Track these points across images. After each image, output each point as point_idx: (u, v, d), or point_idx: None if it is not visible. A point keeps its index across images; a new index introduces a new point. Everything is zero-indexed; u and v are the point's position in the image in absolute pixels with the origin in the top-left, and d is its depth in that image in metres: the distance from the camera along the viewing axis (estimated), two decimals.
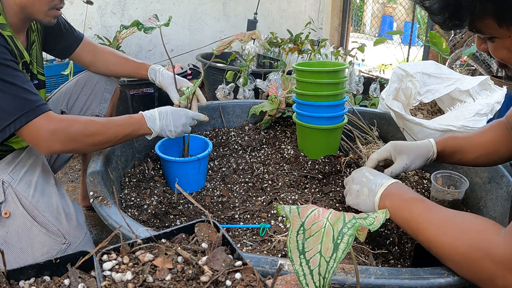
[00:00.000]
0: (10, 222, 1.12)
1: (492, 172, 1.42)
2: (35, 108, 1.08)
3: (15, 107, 1.06)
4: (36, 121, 1.08)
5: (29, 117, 1.07)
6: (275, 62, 2.89)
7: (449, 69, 1.73)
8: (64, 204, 1.22)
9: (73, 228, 1.17)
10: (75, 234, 1.17)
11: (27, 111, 1.07)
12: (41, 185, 1.22)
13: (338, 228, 0.55)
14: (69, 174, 2.11)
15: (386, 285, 0.85)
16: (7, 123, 1.06)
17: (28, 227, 1.12)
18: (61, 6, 1.22)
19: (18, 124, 1.07)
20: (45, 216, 1.15)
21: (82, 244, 1.18)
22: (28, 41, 1.30)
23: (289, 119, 1.96)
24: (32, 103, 1.08)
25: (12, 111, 1.06)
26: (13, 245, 1.11)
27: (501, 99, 1.55)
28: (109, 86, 1.59)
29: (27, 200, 1.16)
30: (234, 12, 3.85)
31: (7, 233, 1.11)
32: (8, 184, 1.17)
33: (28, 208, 1.15)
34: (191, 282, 0.53)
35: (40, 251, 1.11)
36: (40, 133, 1.09)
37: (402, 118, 1.67)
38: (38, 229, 1.13)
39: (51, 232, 1.14)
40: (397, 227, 1.40)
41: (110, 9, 3.33)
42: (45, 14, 1.19)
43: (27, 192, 1.17)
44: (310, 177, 1.57)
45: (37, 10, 1.17)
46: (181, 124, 1.35)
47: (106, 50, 1.59)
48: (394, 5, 7.56)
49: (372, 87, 2.92)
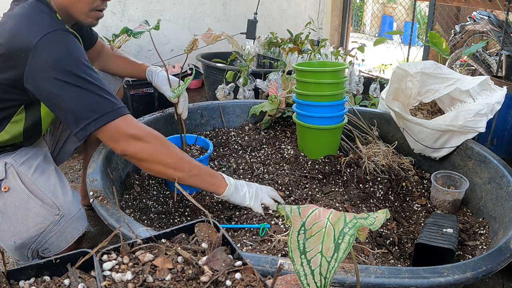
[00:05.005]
0: (8, 195, 1.16)
1: (492, 172, 1.42)
2: (117, 110, 1.12)
3: (98, 107, 1.10)
4: (115, 122, 1.12)
5: (112, 116, 1.11)
6: (275, 62, 2.89)
7: (449, 69, 1.72)
8: (62, 184, 1.26)
9: (67, 202, 1.21)
10: (69, 207, 1.20)
11: (110, 111, 1.11)
12: (41, 168, 1.26)
13: (339, 228, 0.55)
14: (69, 174, 2.11)
15: (386, 284, 0.85)
16: (90, 120, 1.09)
17: (25, 200, 1.16)
18: (103, 7, 1.23)
19: (99, 123, 1.10)
20: (42, 190, 1.19)
21: (75, 217, 1.21)
22: None
23: (289, 119, 1.96)
24: (114, 104, 1.12)
25: (96, 110, 1.09)
26: (9, 216, 1.15)
27: (501, 99, 1.55)
28: (113, 85, 1.62)
29: (27, 177, 1.20)
30: (234, 12, 3.85)
31: (4, 205, 1.16)
32: (10, 164, 1.22)
33: (27, 184, 1.19)
34: (191, 282, 0.53)
35: (34, 221, 1.15)
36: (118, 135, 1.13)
37: (402, 118, 1.67)
38: (34, 201, 1.17)
39: (47, 204, 1.17)
40: (397, 227, 1.40)
41: (110, 9, 3.33)
42: (86, 15, 1.20)
43: (28, 172, 1.22)
44: (310, 177, 1.57)
45: (79, 11, 1.19)
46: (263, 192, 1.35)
47: (110, 50, 1.61)
48: (394, 5, 7.56)
49: (372, 87, 2.92)
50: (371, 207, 1.46)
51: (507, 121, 1.90)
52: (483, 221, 1.38)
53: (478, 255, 1.15)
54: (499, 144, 1.94)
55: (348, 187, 1.52)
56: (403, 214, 1.49)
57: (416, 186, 1.60)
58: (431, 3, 3.05)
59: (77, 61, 1.09)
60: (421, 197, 1.56)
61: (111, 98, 1.13)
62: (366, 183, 1.54)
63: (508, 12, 2.57)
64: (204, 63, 2.98)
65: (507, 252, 0.98)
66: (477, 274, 0.90)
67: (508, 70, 2.11)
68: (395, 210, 1.49)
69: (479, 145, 1.54)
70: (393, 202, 1.52)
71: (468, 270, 0.90)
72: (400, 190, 1.57)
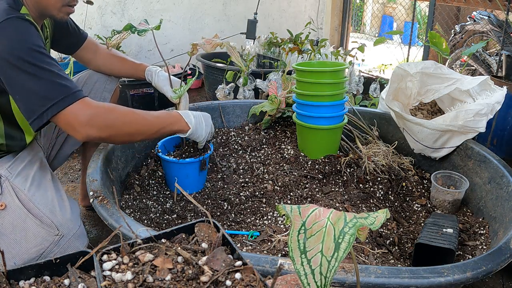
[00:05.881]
0: (5, 214, 1.14)
1: (492, 172, 1.42)
2: (72, 94, 1.09)
3: (52, 93, 1.07)
4: (73, 107, 1.09)
5: (67, 102, 1.08)
6: (275, 62, 2.89)
7: (449, 69, 1.72)
8: (59, 198, 1.23)
9: (66, 220, 1.18)
10: (69, 226, 1.18)
11: (64, 97, 1.07)
12: (37, 179, 1.23)
13: (339, 227, 0.55)
14: (69, 174, 2.11)
15: (386, 284, 0.85)
16: (45, 109, 1.06)
17: (22, 219, 1.14)
18: (74, 3, 1.22)
19: (55, 110, 1.07)
20: (40, 208, 1.16)
21: (75, 236, 1.18)
22: (43, 35, 1.32)
23: (289, 119, 1.96)
24: (69, 89, 1.09)
25: (49, 97, 1.06)
26: (7, 236, 1.12)
27: (501, 99, 1.55)
28: (109, 85, 1.59)
29: (23, 193, 1.17)
30: (234, 12, 3.85)
31: (2, 224, 1.13)
32: (5, 178, 1.18)
33: (24, 201, 1.16)
34: (191, 282, 0.53)
35: (33, 242, 1.12)
36: (78, 119, 1.09)
37: (402, 118, 1.67)
38: (32, 221, 1.14)
39: (45, 223, 1.15)
40: (397, 227, 1.40)
41: (110, 9, 3.33)
42: (58, 10, 1.20)
43: (24, 186, 1.18)
44: (310, 177, 1.57)
45: (51, 6, 1.18)
46: (210, 124, 1.42)
47: (107, 50, 1.59)
48: (394, 5, 7.56)
49: (372, 87, 2.92)
50: (371, 207, 1.46)
51: (507, 121, 1.90)
52: (483, 221, 1.38)
53: (478, 255, 1.15)
54: (499, 144, 1.94)
55: (348, 187, 1.52)
56: (403, 214, 1.49)
57: (416, 186, 1.60)
58: (431, 3, 3.05)
59: (29, 48, 1.05)
60: (421, 197, 1.56)
61: (67, 83, 1.09)
62: (366, 183, 1.54)
63: (508, 12, 2.57)
64: (204, 63, 2.98)
65: (507, 252, 0.98)
66: (477, 274, 0.90)
67: (508, 70, 2.12)
68: (395, 210, 1.49)
69: (479, 145, 1.54)
70: (393, 202, 1.52)
71: (468, 270, 0.90)
72: (400, 190, 1.57)
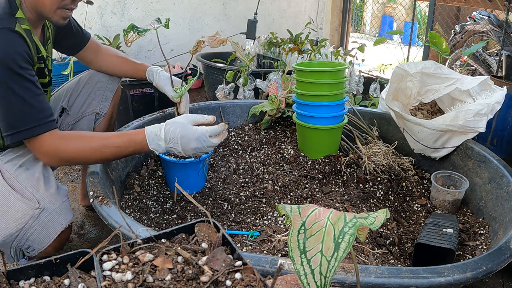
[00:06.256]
0: None
1: (492, 172, 1.42)
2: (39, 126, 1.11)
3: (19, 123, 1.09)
4: (39, 137, 1.12)
5: (33, 132, 1.11)
6: (275, 62, 2.89)
7: (449, 69, 1.72)
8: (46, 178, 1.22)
9: (49, 195, 1.17)
10: (50, 200, 1.16)
11: (31, 127, 1.10)
12: (27, 165, 1.23)
13: (339, 227, 0.55)
14: (69, 174, 2.11)
15: (386, 284, 0.85)
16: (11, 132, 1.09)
17: (5, 195, 1.13)
18: (71, 7, 1.22)
19: (21, 136, 1.10)
20: (23, 184, 1.16)
21: (57, 210, 1.17)
22: (44, 37, 1.32)
23: (289, 119, 1.96)
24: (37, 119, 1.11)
25: (15, 125, 1.09)
26: None
27: (501, 99, 1.55)
28: (111, 85, 1.59)
29: (9, 172, 1.18)
30: (234, 12, 3.85)
31: None
32: None
33: (8, 179, 1.16)
34: (191, 282, 0.53)
35: (13, 217, 1.11)
36: (41, 149, 1.14)
37: (402, 118, 1.67)
38: (14, 196, 1.14)
39: (26, 198, 1.14)
40: (397, 227, 1.40)
41: (110, 9, 3.33)
42: (53, 12, 1.19)
43: (12, 168, 1.19)
44: (310, 177, 1.57)
45: (47, 8, 1.18)
46: (191, 148, 1.20)
47: (109, 51, 1.60)
48: (394, 5, 7.56)
49: (372, 87, 2.92)
50: (371, 207, 1.46)
51: (507, 121, 1.90)
52: (483, 221, 1.38)
53: (478, 255, 1.15)
54: (499, 144, 1.94)
55: (348, 187, 1.52)
56: (403, 214, 1.49)
57: (416, 186, 1.60)
58: (431, 3, 3.05)
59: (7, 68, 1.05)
60: (421, 197, 1.56)
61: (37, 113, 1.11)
62: (366, 183, 1.54)
63: (508, 12, 2.57)
64: (204, 63, 2.98)
65: (507, 252, 0.98)
66: (477, 274, 0.90)
67: (508, 70, 2.11)
68: (395, 210, 1.49)
69: (479, 145, 1.54)
70: (393, 202, 1.52)
71: (468, 270, 0.90)
72: (400, 190, 1.57)
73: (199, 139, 1.20)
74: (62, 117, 1.53)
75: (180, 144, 1.18)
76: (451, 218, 1.36)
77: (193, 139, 1.19)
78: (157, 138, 1.19)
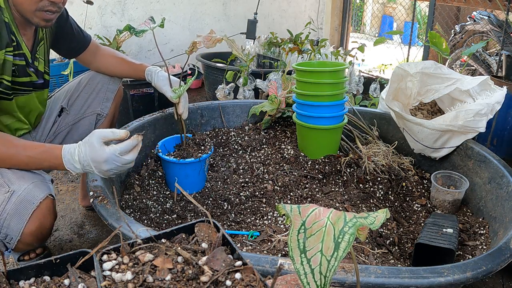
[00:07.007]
0: None
1: (492, 172, 1.42)
2: None
3: None
4: None
5: None
6: (275, 62, 2.89)
7: (449, 69, 1.72)
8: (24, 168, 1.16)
9: (18, 177, 1.11)
10: (20, 182, 1.10)
11: None
12: None
13: (339, 227, 0.55)
14: (69, 174, 2.11)
15: (386, 284, 0.85)
16: None
17: None
18: (51, 9, 1.19)
19: None
20: None
21: (28, 189, 1.09)
22: (36, 37, 1.31)
23: (289, 119, 1.96)
24: None
25: None
26: None
27: (501, 99, 1.55)
28: (112, 85, 1.59)
29: None
30: (234, 12, 3.85)
31: None
32: None
33: None
34: (191, 282, 0.53)
35: None
36: None
37: (402, 118, 1.67)
38: None
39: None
40: (397, 227, 1.40)
41: (110, 9, 3.33)
42: (32, 14, 1.18)
43: None
44: (310, 177, 1.57)
45: (25, 9, 1.17)
46: (105, 170, 1.10)
47: (107, 51, 1.59)
48: (394, 5, 7.56)
49: (372, 87, 2.92)
50: (371, 207, 1.46)
51: (507, 121, 1.90)
52: (483, 221, 1.38)
53: (478, 255, 1.15)
54: (499, 144, 1.94)
55: (348, 187, 1.52)
56: (403, 214, 1.49)
57: (416, 186, 1.60)
58: (431, 3, 3.05)
59: None
60: (421, 197, 1.56)
61: None
62: (366, 183, 1.54)
63: (508, 12, 2.57)
64: (204, 63, 2.98)
65: (507, 252, 0.98)
66: (477, 274, 0.90)
67: (508, 70, 2.11)
68: (395, 210, 1.49)
69: (479, 145, 1.54)
70: (393, 202, 1.52)
71: (468, 270, 0.90)
72: (400, 190, 1.57)
73: (108, 161, 1.08)
74: (62, 117, 1.52)
75: (94, 168, 1.10)
76: (451, 218, 1.36)
77: (101, 162, 1.08)
78: (72, 160, 1.10)
